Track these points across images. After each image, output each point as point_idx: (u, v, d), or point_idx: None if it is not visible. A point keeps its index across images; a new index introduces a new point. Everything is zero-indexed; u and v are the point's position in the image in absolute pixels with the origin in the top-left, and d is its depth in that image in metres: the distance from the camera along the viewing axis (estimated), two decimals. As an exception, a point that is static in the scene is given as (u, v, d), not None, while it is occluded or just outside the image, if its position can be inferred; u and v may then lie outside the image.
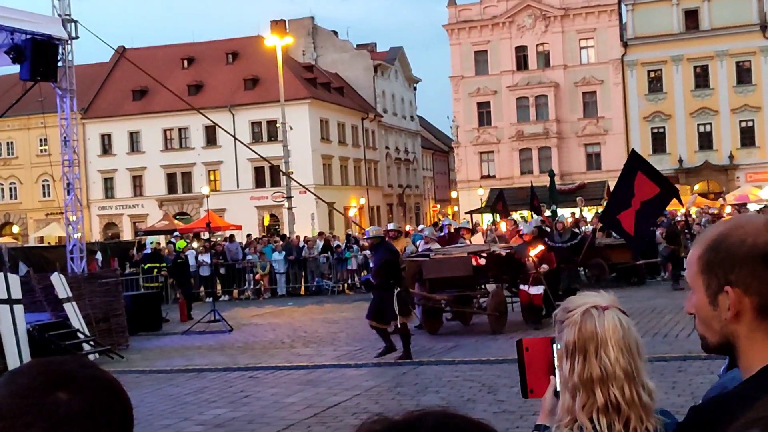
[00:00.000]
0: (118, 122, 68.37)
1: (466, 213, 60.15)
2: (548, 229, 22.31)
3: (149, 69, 36.78)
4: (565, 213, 34.72)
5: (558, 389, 2.52)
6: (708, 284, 1.85)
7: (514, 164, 63.09)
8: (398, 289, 14.47)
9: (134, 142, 69.29)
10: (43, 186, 69.61)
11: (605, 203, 19.83)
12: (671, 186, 17.35)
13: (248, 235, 39.38)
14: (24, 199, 71.84)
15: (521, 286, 17.94)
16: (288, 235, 37.32)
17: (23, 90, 21.77)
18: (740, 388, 1.82)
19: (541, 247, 17.86)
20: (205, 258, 29.19)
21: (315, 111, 66.28)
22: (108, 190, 69.99)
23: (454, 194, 77.81)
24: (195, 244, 34.54)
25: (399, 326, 14.51)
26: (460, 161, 66.91)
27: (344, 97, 73.61)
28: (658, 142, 61.50)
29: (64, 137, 21.36)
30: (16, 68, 20.05)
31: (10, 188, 72.75)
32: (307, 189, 32.89)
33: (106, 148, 69.60)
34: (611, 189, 58.04)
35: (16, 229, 70.72)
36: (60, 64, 20.52)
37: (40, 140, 63.64)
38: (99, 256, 30.34)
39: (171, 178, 68.71)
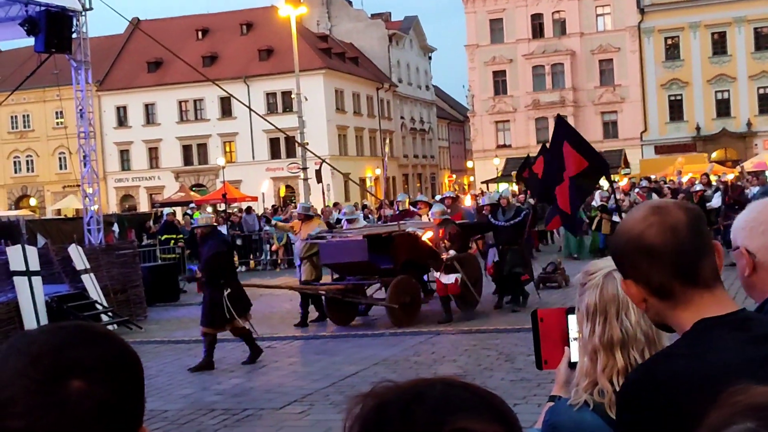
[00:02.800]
0: (134, 94, 68.40)
1: (482, 183, 60.11)
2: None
3: (164, 40, 36.70)
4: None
5: (572, 360, 2.51)
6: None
7: (530, 133, 62.84)
8: (228, 290, 12.56)
9: (149, 114, 69.35)
10: (60, 158, 69.85)
11: (540, 176, 18.15)
12: (601, 160, 16.08)
13: (273, 206, 39.38)
14: (41, 171, 72.12)
15: (435, 274, 15.87)
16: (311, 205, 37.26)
17: (38, 62, 21.77)
18: (678, 345, 1.92)
19: (430, 234, 15.54)
20: (222, 229, 29.26)
21: (330, 81, 66.10)
22: (124, 162, 70.16)
23: (469, 164, 77.66)
24: (209, 209, 34.58)
25: (235, 330, 12.97)
26: (475, 131, 66.71)
27: (359, 67, 73.35)
28: (675, 109, 61.10)
29: (80, 109, 21.37)
30: (30, 41, 20.03)
31: (27, 161, 73.03)
32: (322, 160, 32.80)
33: (122, 120, 69.70)
34: (627, 158, 57.68)
35: (33, 201, 71.04)
36: (74, 35, 20.50)
37: (56, 113, 63.75)
38: (116, 227, 30.43)
39: (187, 150, 68.79)
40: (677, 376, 1.82)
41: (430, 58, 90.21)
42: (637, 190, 28.51)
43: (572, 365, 2.52)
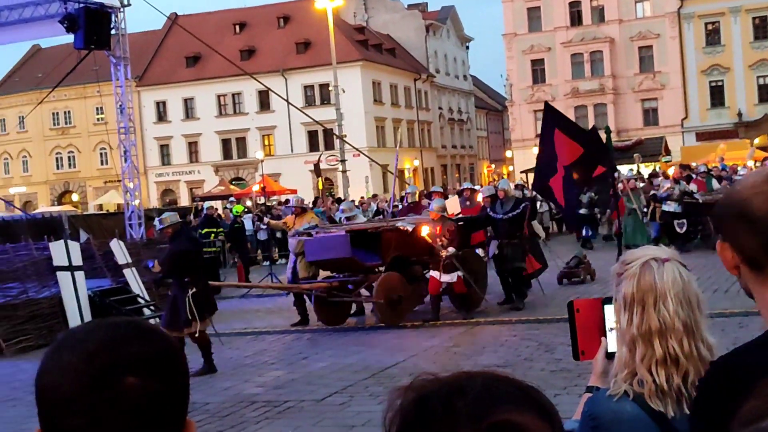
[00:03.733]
0: (173, 89, 68.86)
1: (521, 172, 59.83)
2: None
3: (201, 35, 36.93)
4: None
5: (610, 351, 2.49)
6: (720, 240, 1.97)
7: (570, 122, 62.41)
8: (193, 289, 11.94)
9: (189, 109, 69.79)
10: (101, 154, 70.53)
11: (534, 167, 16.93)
12: (598, 146, 15.32)
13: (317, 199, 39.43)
14: (83, 167, 72.89)
15: (431, 272, 15.16)
16: (343, 199, 37.38)
17: (78, 59, 22.00)
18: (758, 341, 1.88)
19: (427, 228, 14.82)
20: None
21: (367, 73, 66.10)
22: (164, 156, 70.70)
23: (508, 154, 77.29)
24: (248, 202, 34.76)
25: (195, 334, 12.11)
26: (514, 120, 66.40)
27: (396, 58, 73.27)
28: (717, 95, 60.34)
29: (120, 105, 21.57)
30: (70, 38, 20.24)
31: (69, 157, 73.84)
32: (360, 152, 32.85)
33: (162, 115, 70.22)
34: (668, 145, 57.03)
35: (75, 197, 71.85)
36: (113, 32, 20.69)
37: (97, 109, 64.37)
38: (157, 222, 30.66)
39: (226, 144, 69.16)
40: (758, 368, 1.77)
41: (467, 47, 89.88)
42: (694, 176, 27.76)
43: (609, 356, 2.50)
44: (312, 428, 8.93)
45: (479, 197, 17.64)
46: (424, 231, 14.72)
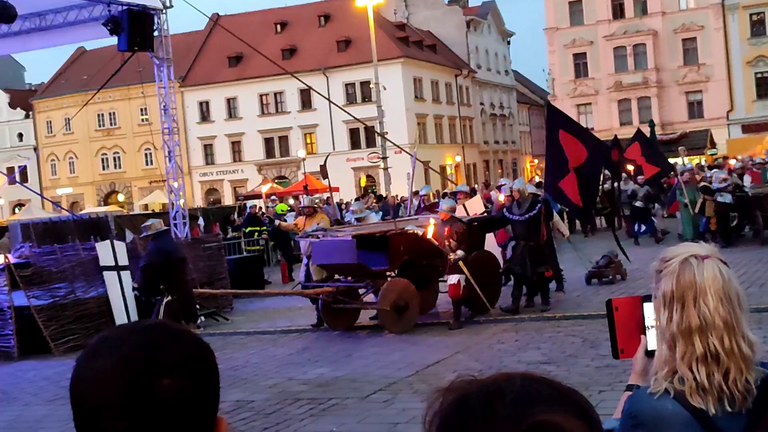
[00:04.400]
0: (215, 89, 69.34)
1: (565, 167, 59.38)
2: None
3: (243, 35, 37.12)
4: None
5: (650, 348, 2.48)
6: None
7: (613, 116, 61.91)
8: (168, 297, 11.68)
9: (231, 108, 70.23)
10: (146, 154, 71.26)
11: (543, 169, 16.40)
12: (600, 144, 14.93)
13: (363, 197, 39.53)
14: (128, 167, 73.65)
15: (447, 277, 14.51)
16: (384, 195, 37.43)
17: (122, 61, 22.22)
18: None
19: (431, 229, 14.21)
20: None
21: (408, 70, 66.07)
22: (208, 156, 71.22)
23: (551, 148, 76.78)
24: (291, 201, 34.91)
25: None
26: (556, 115, 65.99)
27: (437, 54, 73.15)
28: (763, 87, 59.52)
29: (163, 106, 21.75)
30: (114, 40, 20.46)
31: (115, 158, 74.65)
32: (402, 149, 32.87)
33: (205, 115, 70.73)
34: (713, 138, 56.41)
35: (121, 197, 72.63)
36: (156, 33, 20.86)
37: (141, 110, 64.99)
38: (201, 221, 30.93)
39: (268, 143, 69.50)
40: None
41: (508, 42, 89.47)
42: (750, 168, 27.24)
43: (649, 353, 2.49)
44: (356, 426, 8.96)
45: (500, 196, 16.84)
46: (429, 232, 14.15)
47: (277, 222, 16.84)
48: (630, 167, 24.61)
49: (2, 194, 61.21)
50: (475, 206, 17.60)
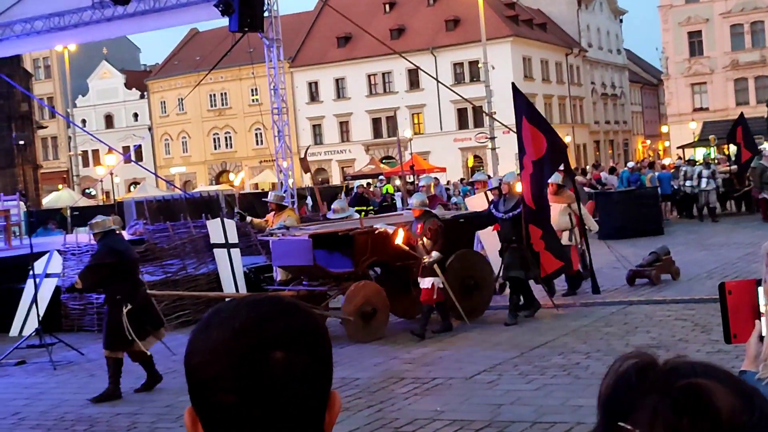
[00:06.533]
0: (324, 69, 69.91)
1: (678, 148, 58.11)
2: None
3: (352, 15, 37.29)
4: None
5: (763, 334, 2.38)
6: None
7: (729, 95, 60.16)
8: (128, 306, 10.54)
9: (340, 89, 70.73)
10: (256, 134, 72.39)
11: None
12: (558, 141, 13.46)
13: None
14: (239, 147, 74.97)
15: (420, 280, 12.92)
16: (491, 176, 37.19)
17: (233, 42, 22.56)
18: None
19: (402, 233, 12.77)
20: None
21: (517, 49, 65.39)
22: (316, 136, 71.93)
23: (664, 129, 75.20)
24: (397, 181, 34.98)
25: (133, 354, 10.88)
26: (670, 94, 64.48)
27: (547, 33, 72.18)
28: None
29: (273, 86, 22.02)
30: (225, 21, 20.79)
31: (226, 137, 76.06)
32: (510, 129, 32.53)
33: (314, 96, 71.40)
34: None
35: (232, 176, 74.00)
36: (266, 14, 21.11)
37: (252, 90, 65.99)
38: (309, 200, 31.26)
39: (376, 123, 69.79)
40: None
41: (621, 21, 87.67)
42: None
43: (763, 339, 2.40)
44: (460, 406, 8.94)
45: (518, 187, 14.04)
46: (399, 239, 12.66)
47: (249, 218, 15.37)
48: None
49: (118, 172, 63.00)
50: (478, 204, 15.59)
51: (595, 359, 10.36)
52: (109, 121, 79.23)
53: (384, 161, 62.06)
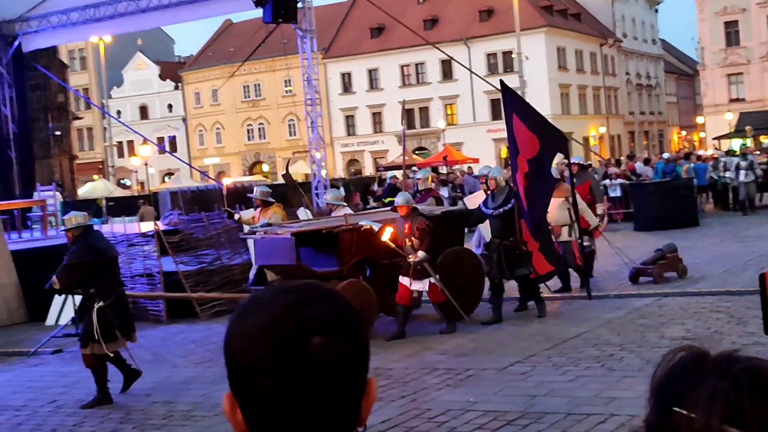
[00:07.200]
0: (357, 60, 69.92)
1: (714, 139, 57.58)
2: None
3: (385, 6, 37.22)
4: None
5: None
6: None
7: (766, 86, 59.50)
8: (100, 302, 10.02)
9: (373, 80, 70.71)
10: (290, 125, 72.58)
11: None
12: (556, 133, 13.05)
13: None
14: (272, 138, 75.19)
15: (401, 279, 12.51)
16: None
17: (267, 33, 22.64)
18: None
19: (390, 229, 12.27)
20: (443, 192, 29.52)
21: (551, 39, 65.03)
22: (349, 127, 71.98)
23: (700, 120, 74.48)
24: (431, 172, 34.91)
25: (86, 356, 10.20)
26: (706, 85, 63.89)
27: (581, 23, 71.71)
28: None
29: (306, 77, 22.09)
30: (260, 12, 20.86)
31: (259, 128, 76.32)
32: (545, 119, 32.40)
33: (347, 87, 71.44)
34: None
35: (265, 167, 74.26)
36: (300, 5, 21.17)
37: (285, 81, 66.21)
38: (342, 191, 31.32)
39: (409, 114, 69.67)
40: None
41: (656, 11, 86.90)
42: None
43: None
44: (493, 397, 8.94)
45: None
46: (386, 235, 12.21)
47: (237, 215, 14.81)
48: None
49: (152, 163, 63.47)
50: (479, 201, 14.80)
51: (629, 351, 10.31)
52: (143, 112, 79.78)
53: (417, 152, 62.00)
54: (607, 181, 27.99)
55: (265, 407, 1.26)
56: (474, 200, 15.62)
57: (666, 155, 32.18)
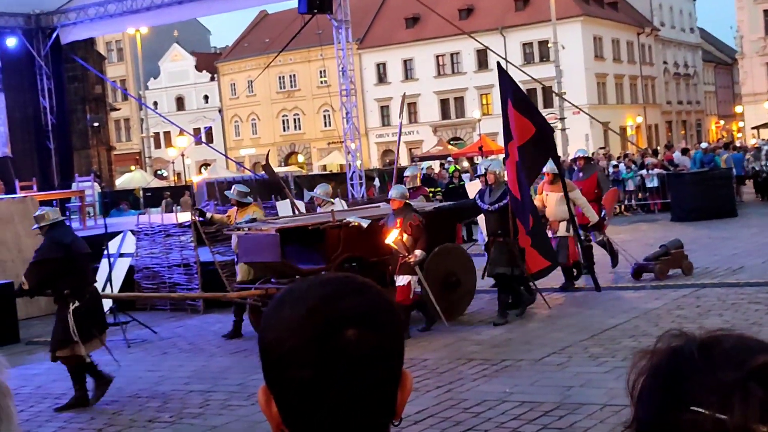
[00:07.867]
0: (392, 50, 69.81)
1: (752, 128, 56.97)
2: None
3: (420, -4, 37.11)
4: None
5: None
6: None
7: (806, 74, 58.71)
8: (75, 303, 9.65)
9: (408, 70, 70.59)
10: (324, 116, 72.67)
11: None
12: (545, 124, 12.62)
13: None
14: (307, 129, 75.35)
15: (397, 281, 12.07)
16: (561, 157, 36.88)
17: (302, 24, 22.68)
18: None
19: (396, 232, 11.71)
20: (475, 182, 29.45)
21: (588, 28, 64.54)
22: (384, 117, 71.93)
23: (738, 109, 73.67)
24: (464, 163, 34.87)
25: (66, 359, 9.89)
26: (745, 73, 63.15)
27: (618, 12, 71.11)
28: None
29: (341, 68, 22.11)
30: (294, 2, 20.91)
31: (294, 119, 76.50)
32: (580, 109, 32.21)
33: (382, 77, 71.38)
34: None
35: (300, 158, 74.45)
36: (335, -4, 21.18)
37: (320, 72, 66.22)
38: (377, 182, 31.37)
39: (444, 104, 69.54)
40: None
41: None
42: None
43: None
44: (529, 387, 8.92)
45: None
46: (390, 238, 11.69)
47: (209, 214, 14.42)
48: None
49: (189, 154, 63.81)
50: (474, 190, 14.67)
51: (666, 342, 10.23)
52: (180, 103, 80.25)
53: (452, 142, 61.84)
54: (644, 171, 27.78)
55: (299, 399, 1.27)
56: (474, 186, 15.25)
57: (704, 145, 31.87)
